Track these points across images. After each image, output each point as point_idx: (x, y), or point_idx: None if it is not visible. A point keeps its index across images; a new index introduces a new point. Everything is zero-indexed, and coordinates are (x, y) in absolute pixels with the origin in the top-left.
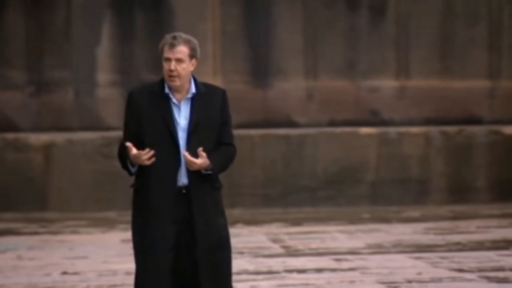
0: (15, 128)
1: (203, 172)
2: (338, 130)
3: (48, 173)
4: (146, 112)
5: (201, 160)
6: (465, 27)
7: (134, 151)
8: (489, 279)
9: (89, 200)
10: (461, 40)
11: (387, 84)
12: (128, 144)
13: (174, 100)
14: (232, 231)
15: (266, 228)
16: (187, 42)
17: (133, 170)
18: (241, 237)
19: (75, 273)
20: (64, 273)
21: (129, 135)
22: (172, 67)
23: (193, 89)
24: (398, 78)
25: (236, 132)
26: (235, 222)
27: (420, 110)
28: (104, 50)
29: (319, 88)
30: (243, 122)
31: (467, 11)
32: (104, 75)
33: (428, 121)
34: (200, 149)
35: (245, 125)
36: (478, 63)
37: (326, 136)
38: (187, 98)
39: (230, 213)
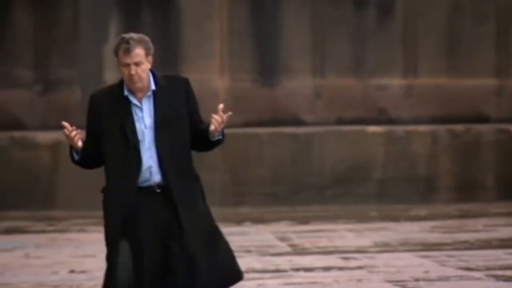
0: (22, 127)
1: (215, 138)
2: (346, 128)
3: (55, 171)
4: (106, 116)
5: (225, 115)
6: (473, 25)
7: (67, 132)
8: (497, 278)
9: (96, 198)
10: (468, 39)
11: (395, 82)
12: (64, 123)
13: (134, 101)
14: (240, 229)
15: (273, 227)
16: (140, 43)
17: (76, 156)
18: (248, 235)
19: (83, 272)
20: (72, 271)
21: (87, 139)
22: (133, 71)
23: (152, 86)
24: (405, 77)
25: (243, 130)
26: (242, 221)
27: (428, 109)
28: (111, 49)
29: (326, 86)
30: (251, 121)
31: (474, 10)
32: (111, 74)
33: (435, 120)
34: (221, 106)
35: (253, 124)
36: (485, 62)
37: (333, 134)
38: (148, 96)
39: (238, 211)
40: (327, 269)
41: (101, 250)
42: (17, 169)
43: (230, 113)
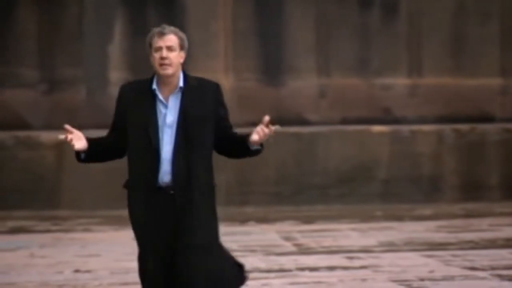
0: (27, 126)
1: (255, 148)
2: (350, 128)
3: (60, 171)
4: (131, 108)
5: (271, 128)
6: (477, 24)
7: (66, 134)
8: (502, 277)
9: (101, 198)
10: (473, 38)
11: (399, 82)
12: (66, 126)
13: (160, 97)
14: (244, 229)
15: (278, 226)
16: (175, 33)
17: (82, 156)
18: (253, 235)
19: (87, 271)
20: (76, 271)
21: (112, 129)
22: (164, 54)
23: (181, 83)
24: (410, 76)
25: (248, 130)
26: (247, 220)
27: (432, 108)
28: (116, 48)
29: (331, 86)
30: (255, 120)
31: (479, 9)
32: (116, 73)
33: (440, 119)
34: (267, 118)
35: (257, 123)
36: (490, 61)
37: (338, 134)
38: (175, 93)
39: (242, 211)
40: (331, 268)
41: (106, 249)
42: (22, 168)
43: (277, 126)
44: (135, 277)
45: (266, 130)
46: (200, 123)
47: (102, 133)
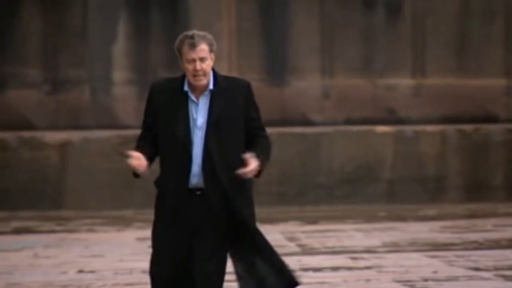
0: (31, 127)
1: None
2: (355, 128)
3: (64, 171)
4: (163, 108)
5: (254, 165)
6: (481, 25)
7: (131, 159)
8: (506, 278)
9: (105, 199)
10: (477, 38)
11: (404, 82)
12: (129, 153)
13: (192, 98)
14: None
15: (282, 227)
16: (205, 39)
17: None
18: None
19: (91, 271)
20: (80, 271)
21: (146, 127)
22: (198, 67)
23: (211, 85)
24: (414, 77)
25: None
26: None
27: (437, 109)
28: (120, 49)
29: (335, 86)
30: None
31: (483, 9)
32: (120, 74)
33: (444, 120)
34: (248, 156)
35: None
36: (494, 61)
37: (342, 134)
38: (206, 94)
39: None
40: (335, 269)
41: (110, 250)
42: (26, 169)
43: (256, 165)
44: (139, 277)
45: (246, 170)
46: (230, 124)
47: (106, 133)
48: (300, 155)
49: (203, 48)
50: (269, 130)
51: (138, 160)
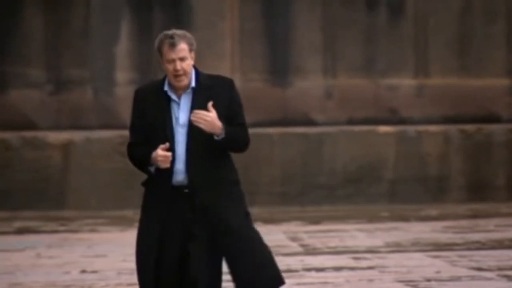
0: (33, 127)
1: (215, 138)
2: (357, 128)
3: (66, 171)
4: (147, 110)
5: (213, 114)
6: (484, 25)
7: (157, 151)
8: (509, 278)
9: (107, 199)
10: (479, 38)
11: (406, 82)
12: (161, 148)
13: (173, 97)
14: None
15: (284, 227)
16: (184, 38)
17: (151, 169)
18: None
19: (94, 272)
20: (83, 271)
21: (135, 134)
22: (178, 67)
23: (192, 83)
24: (416, 77)
25: (254, 130)
26: (253, 220)
27: (439, 109)
28: (122, 49)
29: (337, 86)
30: (262, 121)
31: (485, 9)
32: (122, 74)
33: (446, 120)
34: (211, 103)
35: (264, 124)
36: (496, 61)
37: (344, 134)
38: (187, 93)
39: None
40: (338, 269)
41: (112, 250)
42: (29, 169)
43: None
44: None
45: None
46: None
47: (108, 133)
48: (302, 155)
49: (182, 48)
50: (272, 130)
51: (164, 156)
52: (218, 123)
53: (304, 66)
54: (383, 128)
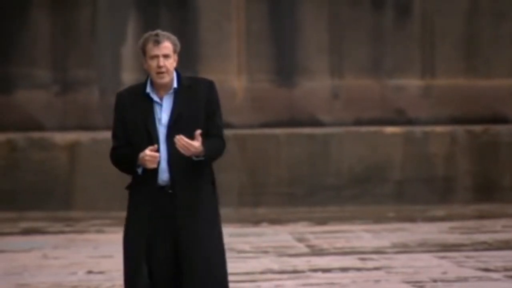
0: (40, 127)
1: (194, 158)
2: (364, 129)
3: (73, 172)
4: (129, 113)
5: (198, 143)
6: (491, 25)
7: (145, 152)
8: None
9: (114, 199)
10: (486, 39)
11: (412, 83)
12: (151, 152)
13: (155, 98)
14: (257, 230)
15: (291, 227)
16: (169, 38)
17: (139, 170)
18: (266, 236)
19: (100, 272)
20: (89, 272)
21: (118, 138)
22: (161, 63)
23: (175, 84)
24: (423, 77)
25: (261, 131)
26: (260, 221)
27: (446, 109)
28: (129, 49)
29: (344, 87)
30: (268, 121)
31: (492, 10)
32: (129, 74)
33: (453, 120)
34: (198, 131)
35: (270, 124)
36: (503, 62)
37: (351, 135)
38: (169, 94)
39: (255, 212)
40: (344, 269)
41: (119, 250)
42: (35, 169)
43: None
44: None
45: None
46: (192, 122)
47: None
48: (309, 156)
49: (167, 46)
50: (278, 131)
51: (152, 156)
52: (200, 149)
53: (311, 66)
54: (390, 129)
